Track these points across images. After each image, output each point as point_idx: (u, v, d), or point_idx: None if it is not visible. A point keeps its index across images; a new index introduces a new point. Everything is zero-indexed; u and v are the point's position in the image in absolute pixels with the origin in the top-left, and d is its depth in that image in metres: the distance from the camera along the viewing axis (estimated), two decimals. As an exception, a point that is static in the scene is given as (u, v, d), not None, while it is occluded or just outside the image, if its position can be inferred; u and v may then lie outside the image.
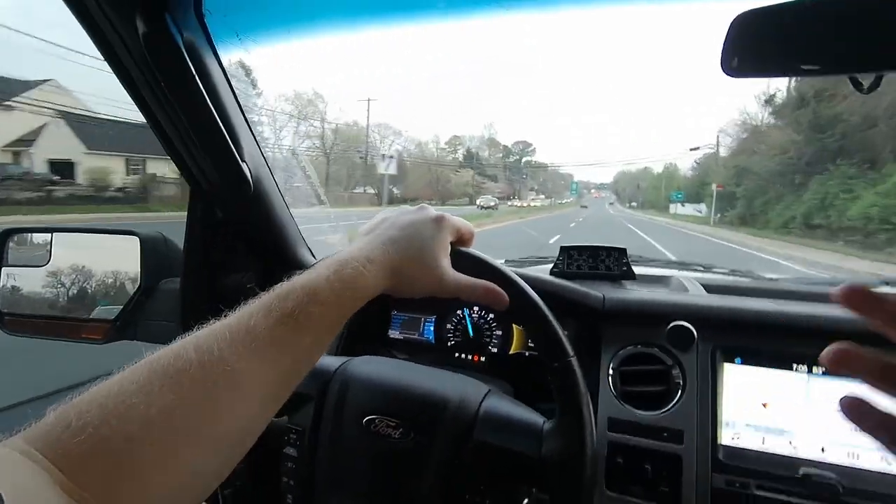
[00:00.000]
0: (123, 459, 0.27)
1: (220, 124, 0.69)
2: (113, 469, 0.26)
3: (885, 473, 0.58)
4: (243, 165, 0.75)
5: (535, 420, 0.54)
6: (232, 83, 0.74)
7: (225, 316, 0.36)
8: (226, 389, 0.31)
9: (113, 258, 0.96)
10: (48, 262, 0.96)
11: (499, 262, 0.51)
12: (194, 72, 0.62)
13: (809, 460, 0.61)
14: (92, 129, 16.22)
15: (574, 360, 0.49)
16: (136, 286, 0.91)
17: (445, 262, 0.47)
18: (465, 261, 0.49)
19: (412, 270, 0.44)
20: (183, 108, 0.66)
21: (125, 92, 0.68)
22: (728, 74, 0.55)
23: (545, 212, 35.45)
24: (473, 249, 0.52)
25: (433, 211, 0.49)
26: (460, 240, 0.50)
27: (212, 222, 0.85)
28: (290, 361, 0.36)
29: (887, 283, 0.97)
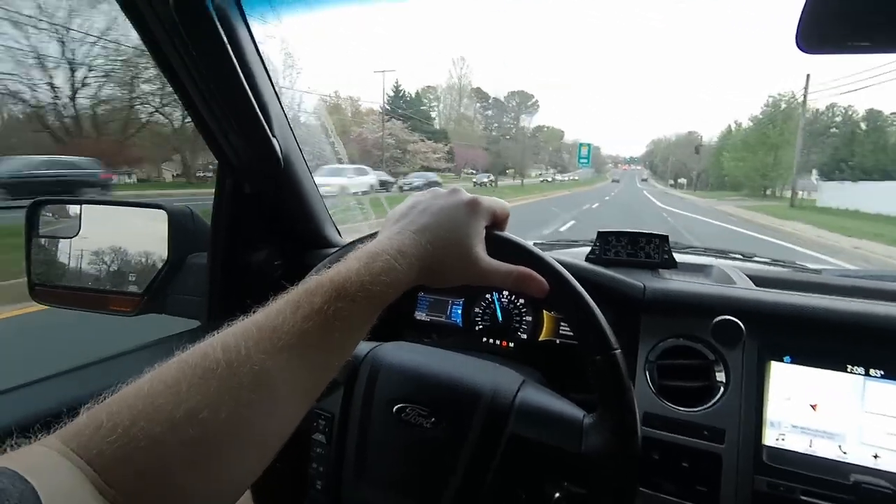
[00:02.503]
0: (152, 461, 0.26)
1: (252, 97, 0.67)
2: (142, 470, 0.26)
3: None
4: (273, 140, 0.73)
5: (574, 414, 0.51)
6: (263, 55, 0.71)
7: (254, 312, 0.35)
8: (253, 390, 0.30)
9: (142, 232, 0.96)
10: (77, 233, 0.96)
11: (537, 249, 0.48)
12: (226, 40, 0.60)
13: (861, 466, 0.58)
14: None
15: (619, 354, 0.46)
16: (164, 260, 0.91)
17: (480, 248, 0.44)
18: (501, 246, 0.46)
19: (446, 260, 0.42)
20: (214, 79, 0.64)
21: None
22: (802, 50, 0.50)
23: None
24: (509, 233, 0.49)
25: (466, 194, 0.46)
26: (495, 222, 0.48)
27: (240, 198, 0.83)
28: (319, 359, 0.35)
29: None
